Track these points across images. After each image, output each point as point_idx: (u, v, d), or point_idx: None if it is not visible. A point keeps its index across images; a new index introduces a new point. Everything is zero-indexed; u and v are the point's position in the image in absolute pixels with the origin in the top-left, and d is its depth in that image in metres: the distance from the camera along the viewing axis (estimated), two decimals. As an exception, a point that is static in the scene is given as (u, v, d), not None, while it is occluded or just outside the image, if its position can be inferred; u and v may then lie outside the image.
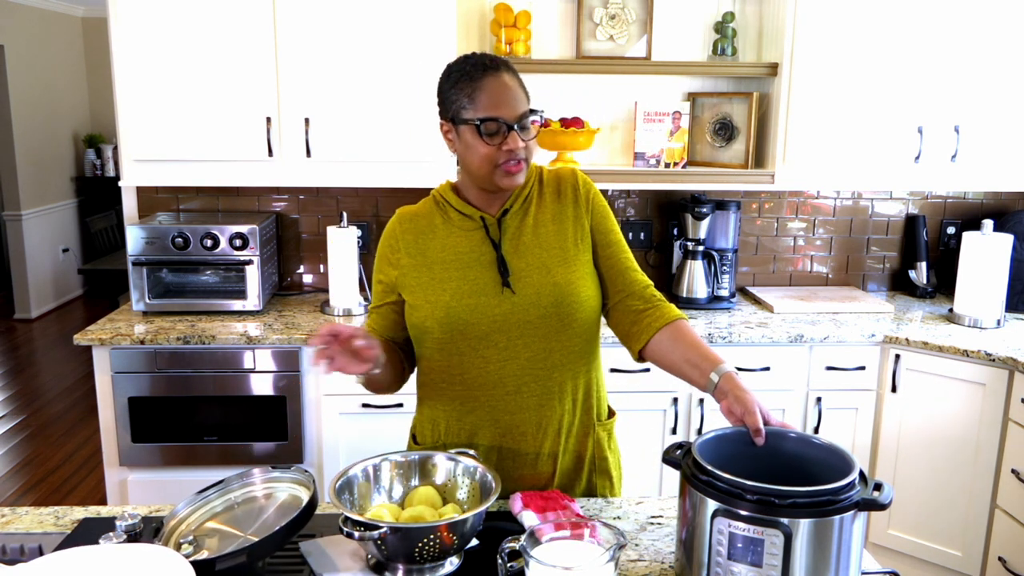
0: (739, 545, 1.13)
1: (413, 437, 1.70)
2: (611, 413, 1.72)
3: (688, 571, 1.23)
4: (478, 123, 1.48)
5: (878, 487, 1.17)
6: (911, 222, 3.40)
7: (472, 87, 1.49)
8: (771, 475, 1.19)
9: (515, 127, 1.49)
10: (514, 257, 1.56)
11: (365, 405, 2.75)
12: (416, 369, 1.67)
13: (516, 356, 1.55)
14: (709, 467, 1.18)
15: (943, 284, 3.40)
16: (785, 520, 1.11)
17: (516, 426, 1.58)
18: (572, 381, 1.59)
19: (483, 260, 1.56)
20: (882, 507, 1.15)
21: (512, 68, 1.54)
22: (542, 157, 3.16)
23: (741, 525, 1.13)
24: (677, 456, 1.27)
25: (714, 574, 1.17)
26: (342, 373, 1.39)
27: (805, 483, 1.14)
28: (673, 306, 1.63)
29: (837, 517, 1.13)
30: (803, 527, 1.12)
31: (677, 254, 3.24)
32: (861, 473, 1.20)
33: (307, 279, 3.34)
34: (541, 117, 1.56)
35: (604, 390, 1.69)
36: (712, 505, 1.16)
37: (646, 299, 1.63)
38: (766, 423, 1.33)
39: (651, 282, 1.67)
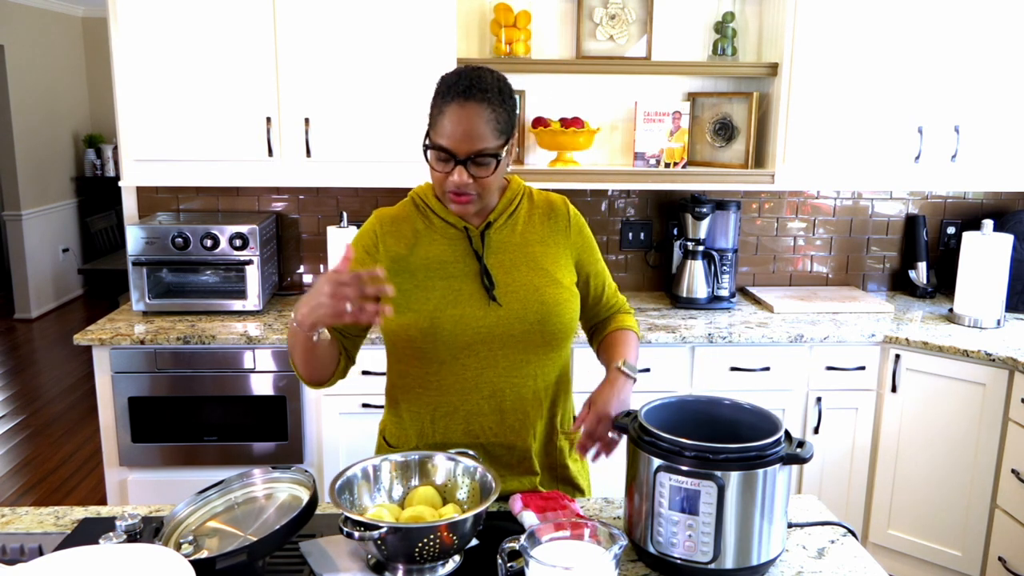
0: (678, 496, 1.28)
1: (384, 439, 1.69)
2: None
3: (634, 522, 1.36)
4: (428, 147, 1.48)
5: (800, 444, 1.32)
6: (911, 222, 3.40)
7: (439, 108, 1.46)
8: (707, 437, 1.33)
9: (464, 162, 1.44)
10: (499, 271, 1.56)
11: (365, 405, 2.75)
12: (387, 373, 1.66)
13: (495, 364, 1.56)
14: (653, 429, 1.32)
15: (943, 284, 3.40)
16: (718, 473, 1.25)
17: (488, 428, 1.59)
18: (545, 391, 1.62)
19: (467, 271, 1.56)
20: (803, 461, 1.29)
21: (492, 98, 1.45)
22: (542, 157, 3.16)
23: (680, 479, 1.27)
24: (626, 422, 1.42)
25: (657, 523, 1.31)
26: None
27: (737, 443, 1.28)
28: (632, 318, 1.76)
29: (763, 470, 1.27)
30: (734, 479, 1.26)
31: (677, 254, 3.24)
32: (787, 433, 1.35)
33: (307, 279, 3.34)
34: (502, 158, 1.48)
35: (571, 402, 1.71)
36: (655, 462, 1.29)
37: (617, 311, 1.77)
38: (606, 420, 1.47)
39: (623, 299, 1.79)
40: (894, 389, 2.85)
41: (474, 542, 1.39)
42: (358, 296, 1.31)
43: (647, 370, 2.80)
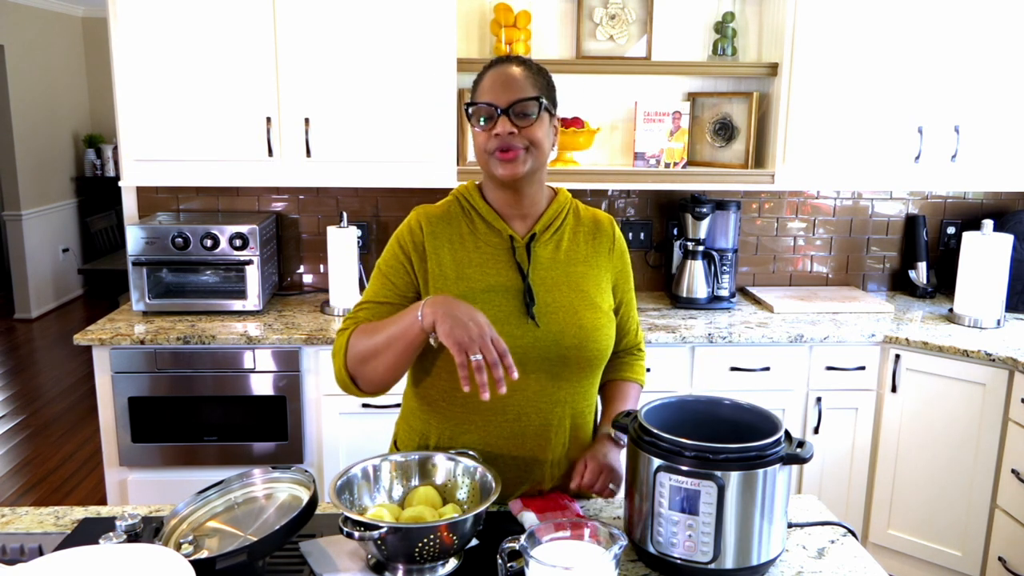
0: (678, 496, 1.28)
1: (395, 444, 1.68)
2: None
3: (634, 522, 1.36)
4: (470, 108, 1.49)
5: (800, 444, 1.32)
6: (911, 222, 3.40)
7: (479, 78, 1.51)
8: (707, 437, 1.33)
9: (506, 112, 1.45)
10: (540, 289, 1.52)
11: (365, 405, 2.75)
12: (411, 379, 1.61)
13: (524, 388, 1.50)
14: (653, 429, 1.32)
15: (943, 284, 3.40)
16: (719, 473, 1.25)
17: (508, 452, 1.54)
18: (571, 419, 1.57)
19: (509, 286, 1.51)
20: (803, 461, 1.29)
21: (530, 64, 1.51)
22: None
23: (680, 479, 1.27)
24: (625, 422, 1.42)
25: (657, 523, 1.31)
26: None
27: (737, 443, 1.28)
28: (642, 364, 1.76)
29: (763, 470, 1.27)
30: (734, 479, 1.26)
31: (677, 254, 3.24)
32: (787, 433, 1.35)
33: (307, 279, 3.34)
34: (543, 104, 1.47)
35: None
36: (656, 462, 1.29)
37: (628, 350, 1.74)
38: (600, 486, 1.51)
39: (642, 336, 1.77)
40: (894, 389, 2.85)
41: (474, 542, 1.39)
42: (491, 361, 1.29)
43: (647, 370, 2.79)
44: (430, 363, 1.54)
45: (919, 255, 3.37)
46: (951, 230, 3.42)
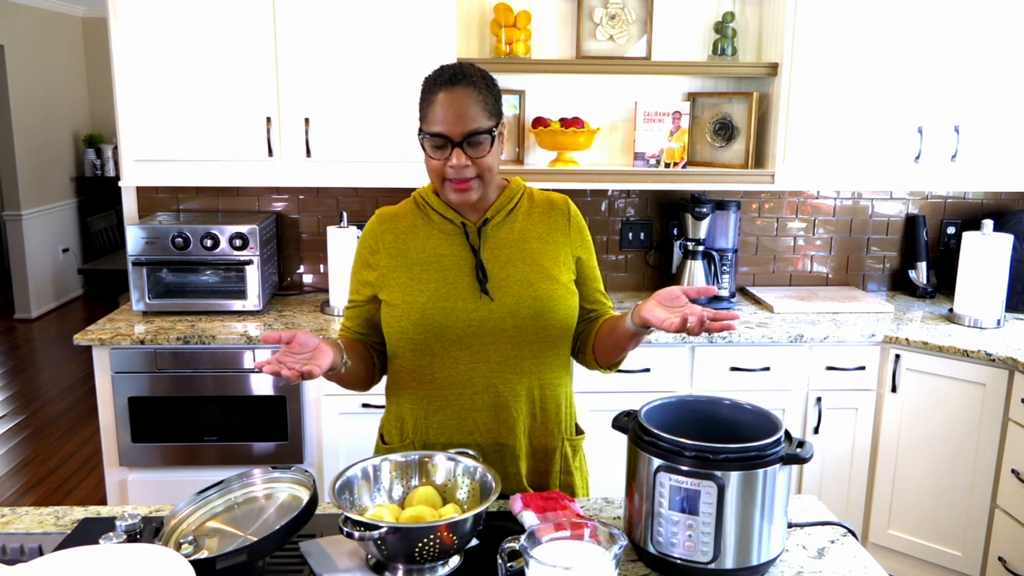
0: (678, 496, 1.28)
1: (381, 437, 1.71)
2: (579, 431, 1.73)
3: (634, 522, 1.37)
4: (423, 137, 1.52)
5: (800, 444, 1.32)
6: (911, 222, 3.40)
7: (427, 100, 1.52)
8: (707, 437, 1.33)
9: (460, 144, 1.48)
10: (495, 266, 1.58)
11: (365, 405, 2.75)
12: (388, 368, 1.69)
13: (487, 359, 1.57)
14: (653, 429, 1.32)
15: (943, 284, 3.40)
16: (719, 473, 1.26)
17: (483, 423, 1.59)
18: (540, 389, 1.62)
19: (462, 265, 1.57)
20: (803, 461, 1.30)
21: (477, 82, 1.50)
22: (542, 157, 3.16)
23: (680, 479, 1.27)
24: (625, 422, 1.41)
25: (657, 523, 1.31)
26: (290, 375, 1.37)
27: (737, 443, 1.28)
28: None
29: (763, 470, 1.28)
30: (734, 479, 1.26)
31: (677, 254, 3.24)
32: (787, 433, 1.35)
33: (307, 279, 3.34)
34: (495, 135, 1.51)
35: (573, 407, 1.71)
36: (656, 462, 1.29)
37: (599, 315, 1.71)
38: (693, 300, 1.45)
39: (610, 304, 1.75)
40: (894, 389, 2.85)
41: (474, 542, 1.39)
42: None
43: (647, 370, 2.80)
44: (395, 344, 1.61)
45: (919, 255, 3.37)
46: (951, 230, 3.42)
